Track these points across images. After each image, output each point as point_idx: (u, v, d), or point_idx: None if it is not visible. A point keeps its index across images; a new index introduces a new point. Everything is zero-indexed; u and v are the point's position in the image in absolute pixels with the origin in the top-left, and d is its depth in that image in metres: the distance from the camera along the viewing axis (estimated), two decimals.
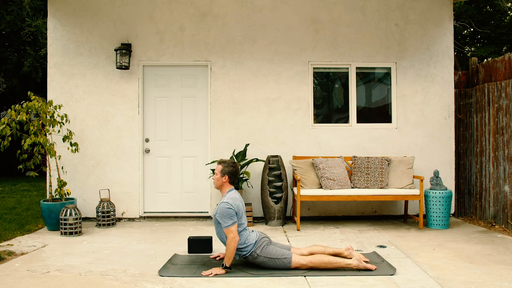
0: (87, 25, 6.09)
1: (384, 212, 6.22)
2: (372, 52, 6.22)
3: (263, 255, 3.73)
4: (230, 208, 3.67)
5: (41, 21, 11.24)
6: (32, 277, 3.59)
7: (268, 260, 3.72)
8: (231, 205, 3.69)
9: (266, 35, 6.16)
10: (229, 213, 3.66)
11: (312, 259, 3.71)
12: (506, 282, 3.41)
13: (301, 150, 6.15)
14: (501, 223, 5.45)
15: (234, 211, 3.68)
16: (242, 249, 3.75)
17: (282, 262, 3.71)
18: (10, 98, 13.35)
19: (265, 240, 3.83)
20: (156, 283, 3.43)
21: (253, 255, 3.74)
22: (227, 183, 3.89)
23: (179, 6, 6.14)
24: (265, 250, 3.74)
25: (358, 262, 3.70)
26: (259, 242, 3.77)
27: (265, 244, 3.79)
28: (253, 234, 3.85)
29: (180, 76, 6.22)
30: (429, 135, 6.21)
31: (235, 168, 3.91)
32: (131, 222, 6.04)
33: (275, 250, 3.77)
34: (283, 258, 3.72)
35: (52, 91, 6.04)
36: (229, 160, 3.95)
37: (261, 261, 3.74)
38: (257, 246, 3.75)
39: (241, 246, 3.74)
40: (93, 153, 6.05)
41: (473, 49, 13.06)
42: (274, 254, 3.73)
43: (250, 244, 3.76)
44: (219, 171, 3.89)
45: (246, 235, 3.79)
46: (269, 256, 3.73)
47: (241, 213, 3.78)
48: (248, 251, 3.74)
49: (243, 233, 3.78)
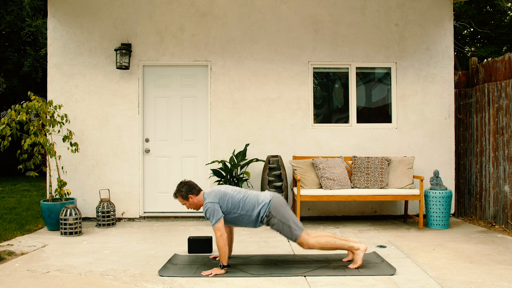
0: (87, 25, 6.09)
1: (384, 212, 6.22)
2: (372, 52, 6.22)
3: (277, 217, 3.70)
4: (207, 208, 3.67)
5: (41, 21, 11.25)
6: (32, 277, 3.59)
7: (280, 224, 3.70)
8: (207, 203, 3.68)
9: (266, 35, 6.17)
10: (210, 211, 3.65)
11: (319, 239, 3.72)
12: (506, 282, 3.41)
13: (301, 150, 6.15)
14: (501, 223, 5.45)
15: (213, 208, 3.64)
16: (260, 210, 3.71)
17: (291, 232, 3.69)
18: (10, 98, 13.35)
19: (283, 203, 3.78)
20: (156, 283, 3.43)
21: (268, 214, 3.71)
22: (197, 197, 3.82)
23: (179, 6, 6.14)
24: (281, 212, 3.72)
25: (364, 247, 3.75)
26: (274, 201, 3.74)
27: (283, 207, 3.75)
28: (265, 193, 3.82)
29: (180, 76, 6.22)
30: (429, 135, 6.21)
31: (183, 182, 3.85)
32: (131, 222, 6.04)
33: (290, 216, 3.74)
34: (294, 228, 3.70)
35: (52, 91, 6.04)
36: (176, 187, 3.87)
37: (274, 222, 3.71)
38: (272, 206, 3.72)
39: (257, 208, 3.71)
40: (93, 153, 6.05)
41: (473, 49, 13.06)
42: (288, 220, 3.71)
43: (263, 202, 3.73)
44: (183, 199, 3.82)
45: (254, 196, 3.76)
46: (283, 220, 3.70)
47: (228, 193, 3.74)
48: (265, 210, 3.71)
49: (248, 198, 3.75)
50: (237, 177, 5.75)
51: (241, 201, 3.75)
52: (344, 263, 3.89)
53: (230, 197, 3.74)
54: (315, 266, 3.82)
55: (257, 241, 4.85)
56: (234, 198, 3.75)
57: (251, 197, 3.78)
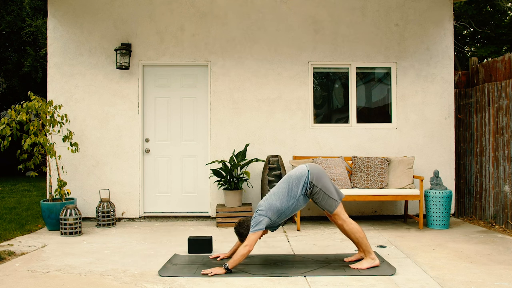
0: (87, 25, 6.09)
1: (384, 212, 6.22)
2: (372, 52, 6.22)
3: (319, 186, 3.68)
4: (256, 216, 3.66)
5: (41, 21, 11.25)
6: (32, 277, 3.59)
7: (321, 194, 3.69)
8: (260, 214, 3.66)
9: (266, 35, 6.17)
10: (256, 220, 3.63)
11: (352, 222, 3.76)
12: (506, 282, 3.41)
13: (301, 150, 6.15)
14: (501, 223, 5.45)
15: (261, 220, 3.61)
16: (302, 185, 3.69)
17: (332, 203, 3.71)
18: (10, 98, 13.36)
19: (321, 171, 3.76)
20: (156, 283, 3.43)
21: (310, 186, 3.69)
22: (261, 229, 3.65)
23: (179, 6, 6.14)
24: (322, 181, 3.71)
25: (377, 263, 3.78)
26: (312, 171, 3.71)
27: (323, 175, 3.73)
28: (300, 167, 3.78)
29: (180, 76, 6.22)
30: (429, 135, 6.21)
31: (242, 222, 3.80)
32: (131, 222, 6.04)
33: (330, 186, 3.73)
34: (335, 199, 3.72)
35: (52, 91, 6.04)
36: (235, 228, 3.82)
37: (316, 191, 3.69)
38: (312, 176, 3.70)
39: (299, 185, 3.68)
40: (93, 153, 6.05)
41: (473, 49, 13.06)
42: (329, 190, 3.71)
43: (304, 176, 3.70)
44: None
45: (294, 177, 3.73)
46: (325, 191, 3.69)
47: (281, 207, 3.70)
48: (306, 183, 3.69)
49: (291, 187, 3.71)
50: (237, 177, 5.75)
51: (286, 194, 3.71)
52: (344, 263, 3.88)
53: (280, 203, 3.71)
54: (315, 266, 3.82)
55: (257, 241, 4.85)
56: (283, 201, 3.71)
57: (292, 180, 3.73)
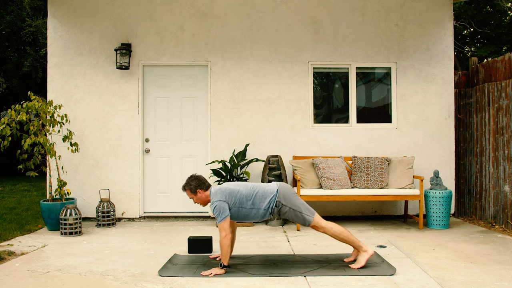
0: (87, 25, 6.09)
1: (384, 212, 6.22)
2: (372, 52, 6.22)
3: (288, 205, 3.74)
4: (214, 206, 3.68)
5: (41, 21, 11.25)
6: (32, 277, 3.59)
7: (291, 211, 3.75)
8: (214, 202, 3.69)
9: (266, 35, 6.17)
10: (217, 210, 3.66)
11: (333, 226, 3.80)
12: (506, 282, 3.41)
13: (301, 150, 6.15)
14: (501, 223, 5.45)
15: (220, 206, 3.65)
16: (270, 201, 3.73)
17: (304, 218, 3.75)
18: (10, 98, 13.36)
19: (290, 190, 3.82)
20: (156, 283, 3.43)
21: (277, 204, 3.75)
22: (205, 192, 3.83)
23: (179, 6, 6.14)
24: (291, 200, 3.76)
25: (371, 252, 3.78)
26: (282, 190, 3.77)
27: (292, 194, 3.79)
28: (271, 184, 3.85)
29: (180, 76, 6.22)
30: (429, 135, 6.21)
31: (193, 176, 3.87)
32: (131, 222, 6.04)
33: (300, 203, 3.79)
34: (306, 213, 3.75)
35: (52, 91, 6.04)
36: (186, 180, 3.89)
37: (285, 211, 3.75)
38: (280, 194, 3.76)
39: (266, 200, 3.73)
40: (93, 153, 6.05)
41: (473, 49, 13.06)
42: (298, 207, 3.76)
43: (271, 193, 3.75)
44: (191, 193, 3.84)
45: (262, 189, 3.79)
46: (294, 208, 3.75)
47: (235, 189, 3.76)
48: (274, 201, 3.74)
49: (257, 192, 3.77)
50: (237, 177, 5.75)
51: (250, 195, 3.75)
52: (344, 263, 3.89)
53: (239, 193, 3.75)
54: (315, 266, 3.82)
55: (257, 241, 4.85)
56: (242, 194, 3.76)
57: (259, 190, 3.80)
